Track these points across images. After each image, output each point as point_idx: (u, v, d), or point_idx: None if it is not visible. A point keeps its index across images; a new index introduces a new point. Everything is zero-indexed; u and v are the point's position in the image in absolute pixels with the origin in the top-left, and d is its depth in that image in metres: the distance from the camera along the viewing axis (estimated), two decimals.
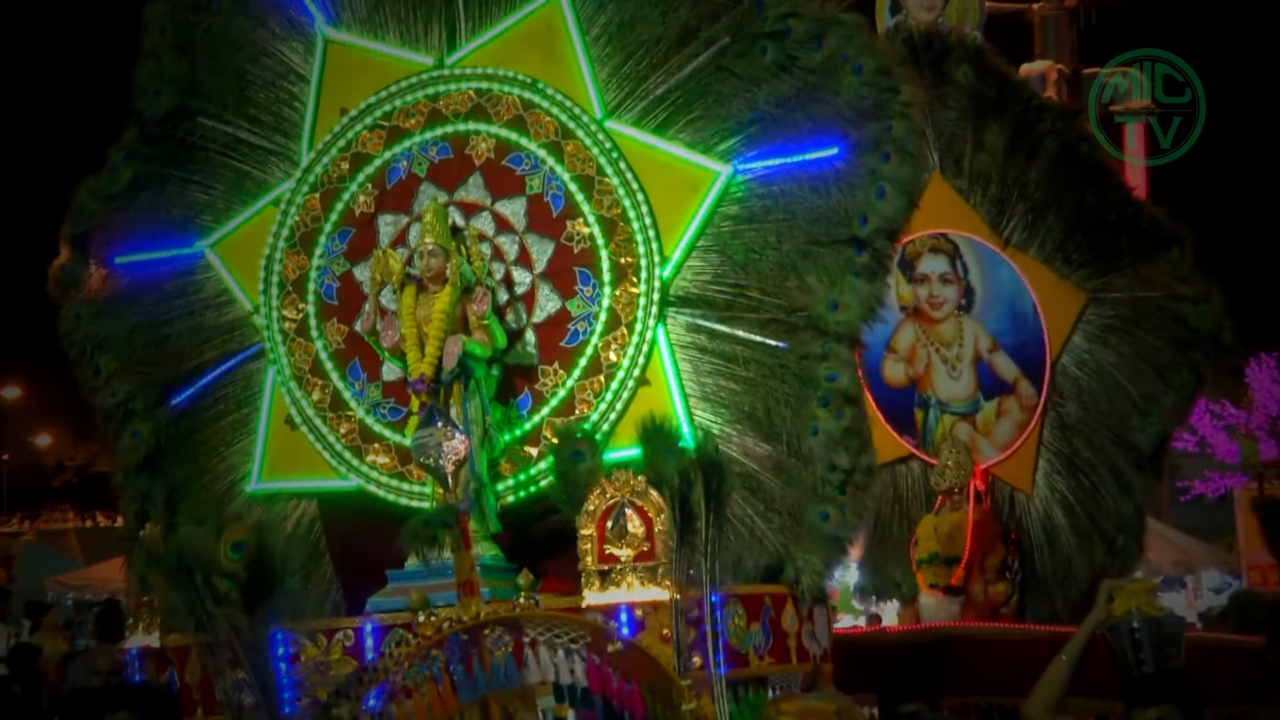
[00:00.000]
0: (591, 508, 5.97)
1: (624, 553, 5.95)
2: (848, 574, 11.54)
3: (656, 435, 6.06)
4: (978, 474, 8.58)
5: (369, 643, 5.80)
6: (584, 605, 5.86)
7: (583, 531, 5.96)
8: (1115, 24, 18.38)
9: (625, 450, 6.25)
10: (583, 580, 5.92)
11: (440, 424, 5.15)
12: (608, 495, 5.99)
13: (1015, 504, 8.83)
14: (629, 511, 5.98)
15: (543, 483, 6.41)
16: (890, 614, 11.36)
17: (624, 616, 5.86)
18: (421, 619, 3.74)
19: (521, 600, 4.85)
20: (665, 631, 5.94)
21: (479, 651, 3.62)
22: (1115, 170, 9.14)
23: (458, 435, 5.51)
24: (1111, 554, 8.71)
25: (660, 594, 5.94)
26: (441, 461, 5.48)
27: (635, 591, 5.92)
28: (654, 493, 6.00)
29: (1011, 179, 8.67)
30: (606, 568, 5.93)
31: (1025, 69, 10.05)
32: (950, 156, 8.76)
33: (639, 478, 6.01)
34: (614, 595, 5.91)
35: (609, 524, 5.97)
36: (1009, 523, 8.74)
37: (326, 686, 4.86)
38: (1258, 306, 8.95)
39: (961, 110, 8.69)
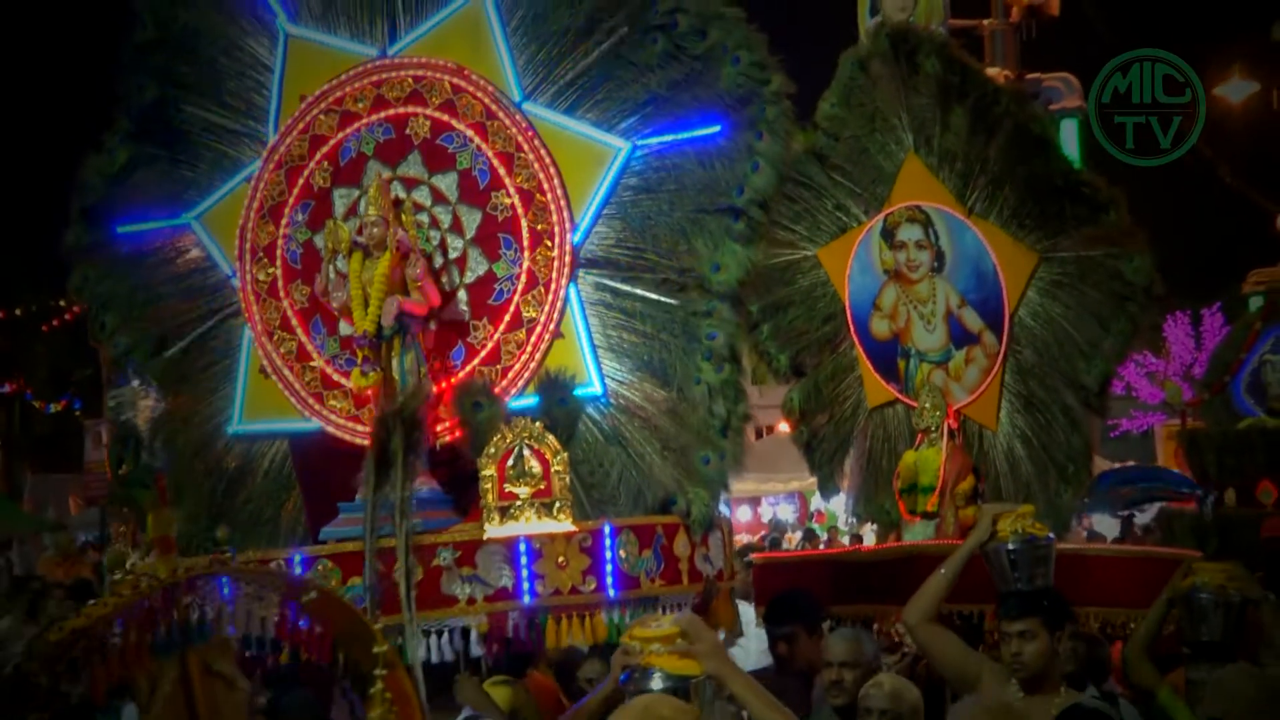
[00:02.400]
0: (492, 450, 6.15)
1: (523, 490, 6.14)
2: (837, 501, 11.74)
3: (551, 385, 6.23)
4: (951, 414, 8.70)
5: (298, 571, 6.05)
6: (485, 538, 6.08)
7: (484, 472, 6.15)
8: (1051, 36, 18.64)
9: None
10: (484, 516, 6.12)
11: (134, 383, 4.99)
12: (507, 439, 6.17)
13: (983, 439, 8.94)
14: (527, 453, 6.17)
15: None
16: (869, 536, 11.50)
17: (523, 547, 6.07)
18: (118, 576, 3.65)
19: (226, 556, 4.70)
20: (560, 559, 6.14)
21: (177, 607, 3.52)
22: (1058, 143, 9.15)
23: (152, 394, 5.32)
24: (1064, 481, 8.80)
25: (556, 526, 6.14)
26: (135, 418, 5.26)
27: (533, 524, 6.12)
28: (549, 436, 6.18)
29: (974, 155, 8.76)
30: (506, 504, 6.12)
31: None
32: (922, 137, 8.85)
33: (536, 423, 6.19)
34: (513, 528, 6.11)
35: (509, 464, 6.15)
36: (977, 456, 8.86)
37: None
38: (1173, 268, 8.95)
39: (931, 96, 8.76)
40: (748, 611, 8.47)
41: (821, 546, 17.46)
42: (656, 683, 4.24)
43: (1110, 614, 7.60)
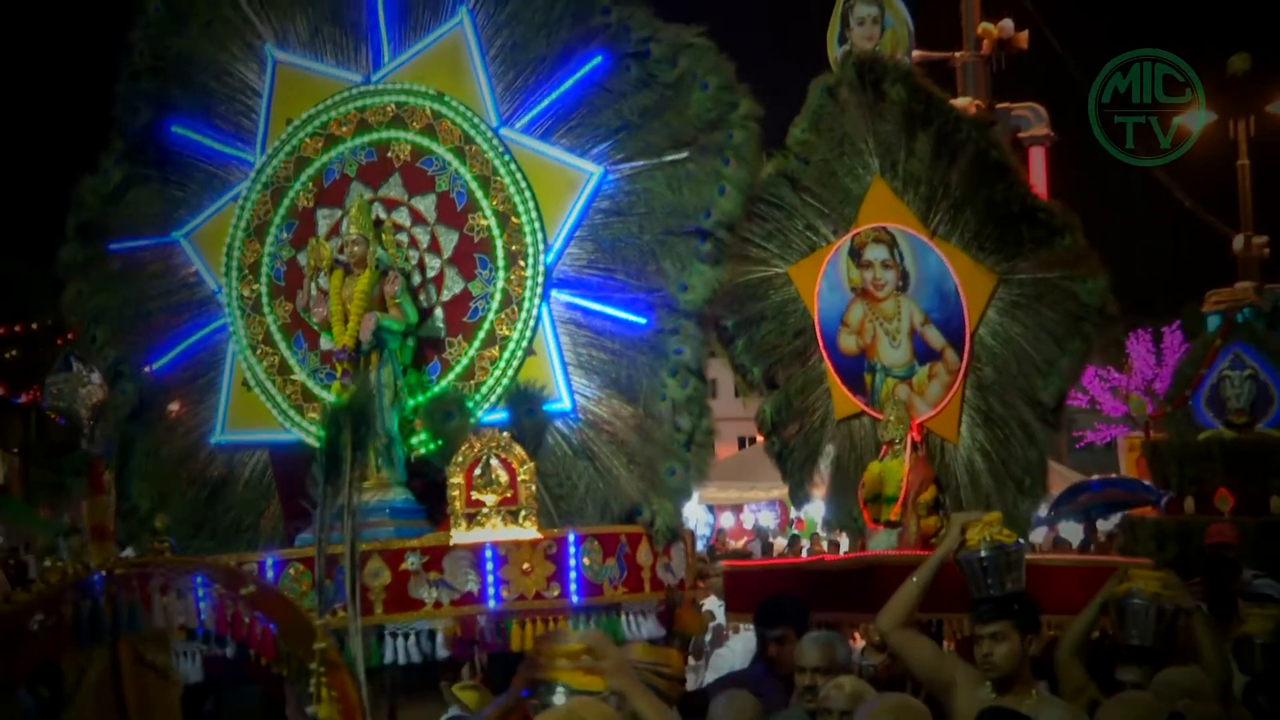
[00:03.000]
0: (460, 459, 6.21)
1: (489, 498, 6.19)
2: (813, 507, 11.79)
3: (520, 397, 6.28)
4: (914, 427, 8.75)
5: (270, 575, 6.11)
6: (452, 543, 6.13)
7: (452, 480, 6.20)
8: (1021, 68, 18.88)
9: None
10: (451, 521, 6.17)
11: (75, 369, 4.64)
12: (475, 448, 6.23)
13: (945, 452, 9.01)
14: (495, 462, 6.22)
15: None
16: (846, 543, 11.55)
17: (489, 553, 6.13)
18: (47, 564, 3.58)
19: (165, 546, 4.38)
20: (525, 566, 6.18)
21: (105, 596, 3.42)
22: (1017, 170, 9.16)
23: (93, 380, 4.92)
24: (1021, 492, 8.84)
25: (522, 533, 6.19)
26: (76, 406, 4.86)
27: (499, 531, 6.17)
28: (516, 446, 6.24)
29: (937, 180, 8.79)
30: (473, 511, 6.18)
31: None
32: (888, 161, 8.91)
33: (504, 433, 6.25)
34: (479, 535, 6.16)
35: (476, 472, 6.20)
36: (938, 467, 8.92)
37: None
38: (1135, 288, 9.03)
39: (896, 123, 8.82)
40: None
41: (804, 553, 17.54)
42: (559, 697, 4.28)
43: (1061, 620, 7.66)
